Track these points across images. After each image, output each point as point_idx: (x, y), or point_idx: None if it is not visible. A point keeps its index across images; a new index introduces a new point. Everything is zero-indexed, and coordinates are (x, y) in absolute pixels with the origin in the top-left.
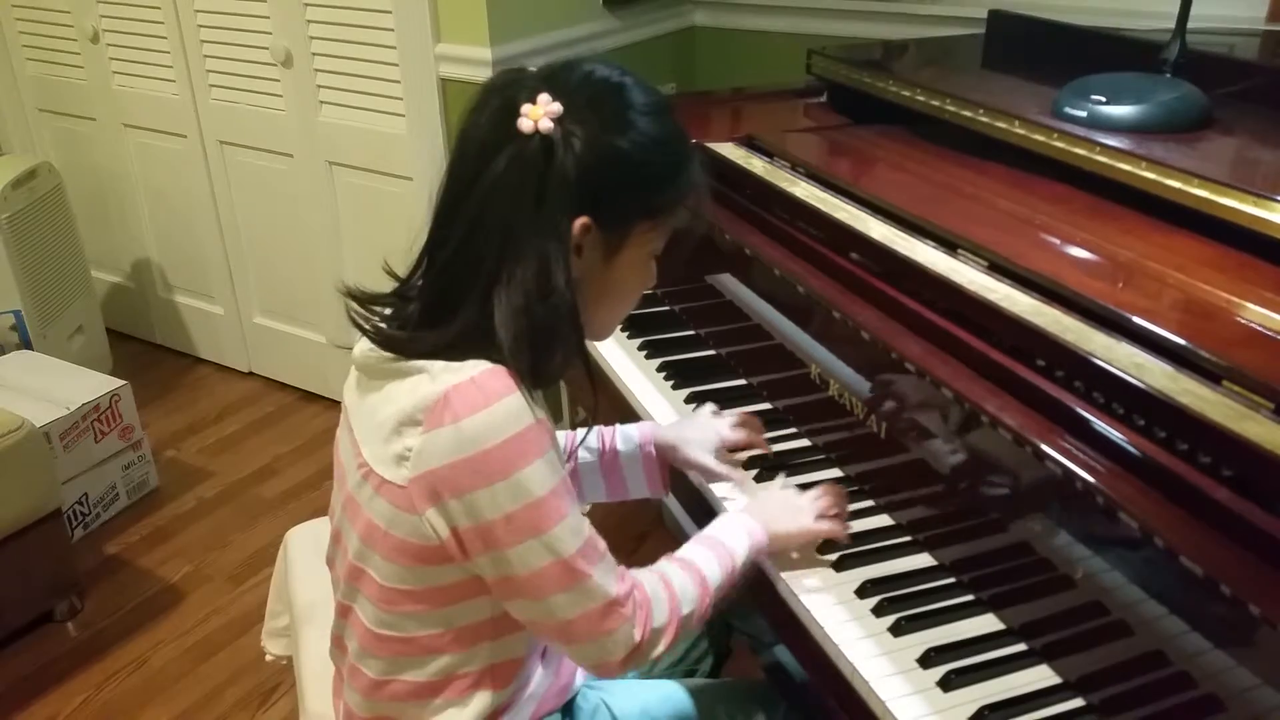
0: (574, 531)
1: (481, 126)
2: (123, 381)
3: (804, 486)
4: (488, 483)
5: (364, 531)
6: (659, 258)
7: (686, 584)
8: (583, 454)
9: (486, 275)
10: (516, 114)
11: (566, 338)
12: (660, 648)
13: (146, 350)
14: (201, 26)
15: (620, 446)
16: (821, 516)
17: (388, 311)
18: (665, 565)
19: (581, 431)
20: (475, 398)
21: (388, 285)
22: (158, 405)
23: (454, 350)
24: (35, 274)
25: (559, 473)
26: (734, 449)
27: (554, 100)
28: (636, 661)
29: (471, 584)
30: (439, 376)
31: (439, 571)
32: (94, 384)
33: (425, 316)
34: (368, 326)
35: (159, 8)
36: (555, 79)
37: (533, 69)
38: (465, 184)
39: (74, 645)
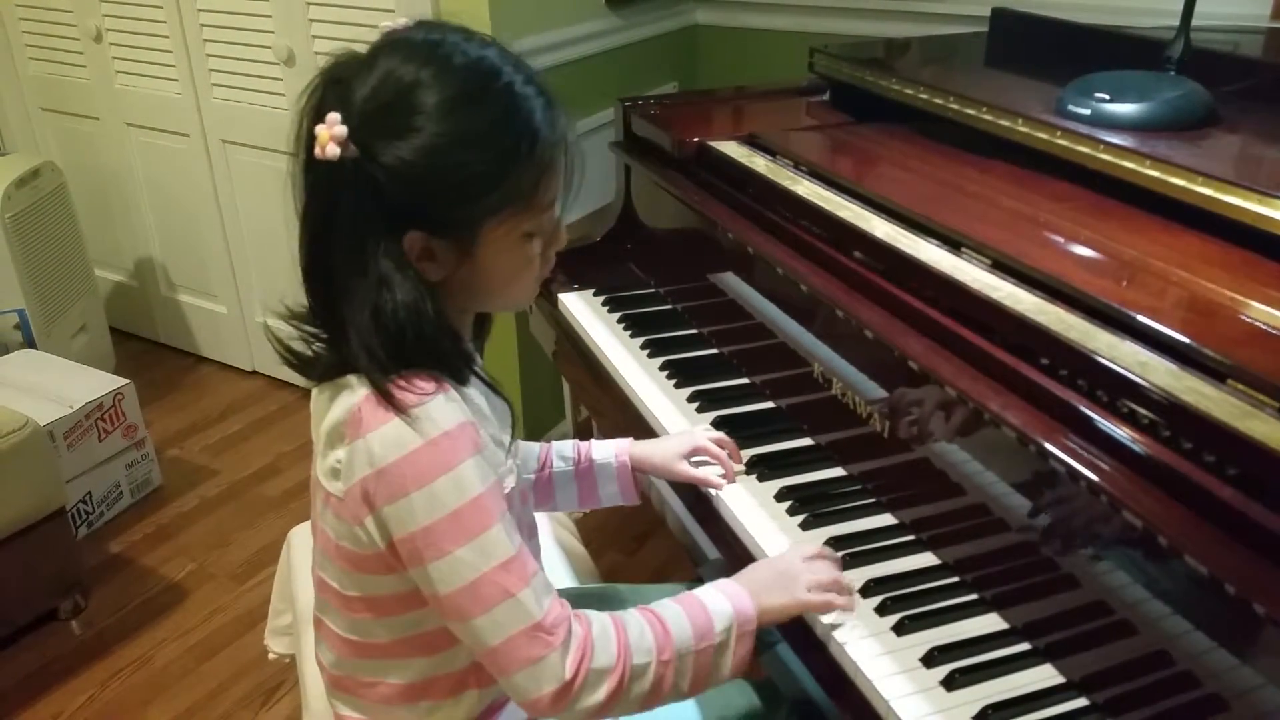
0: (496, 546)
1: (298, 135)
2: (126, 380)
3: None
4: (404, 494)
5: (322, 541)
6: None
7: (644, 633)
8: (558, 463)
9: (334, 292)
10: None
11: (429, 345)
12: (600, 695)
13: (149, 349)
14: (204, 26)
15: (596, 456)
16: (816, 587)
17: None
18: (627, 612)
19: (557, 444)
20: (383, 410)
21: None
22: (161, 404)
23: (346, 367)
24: (39, 273)
25: (483, 482)
26: (705, 457)
27: (341, 120)
28: (569, 704)
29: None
30: (357, 389)
31: (388, 581)
32: (97, 383)
33: (326, 332)
34: (280, 349)
35: (161, 7)
36: (359, 77)
37: (360, 53)
38: (298, 200)
39: (78, 643)
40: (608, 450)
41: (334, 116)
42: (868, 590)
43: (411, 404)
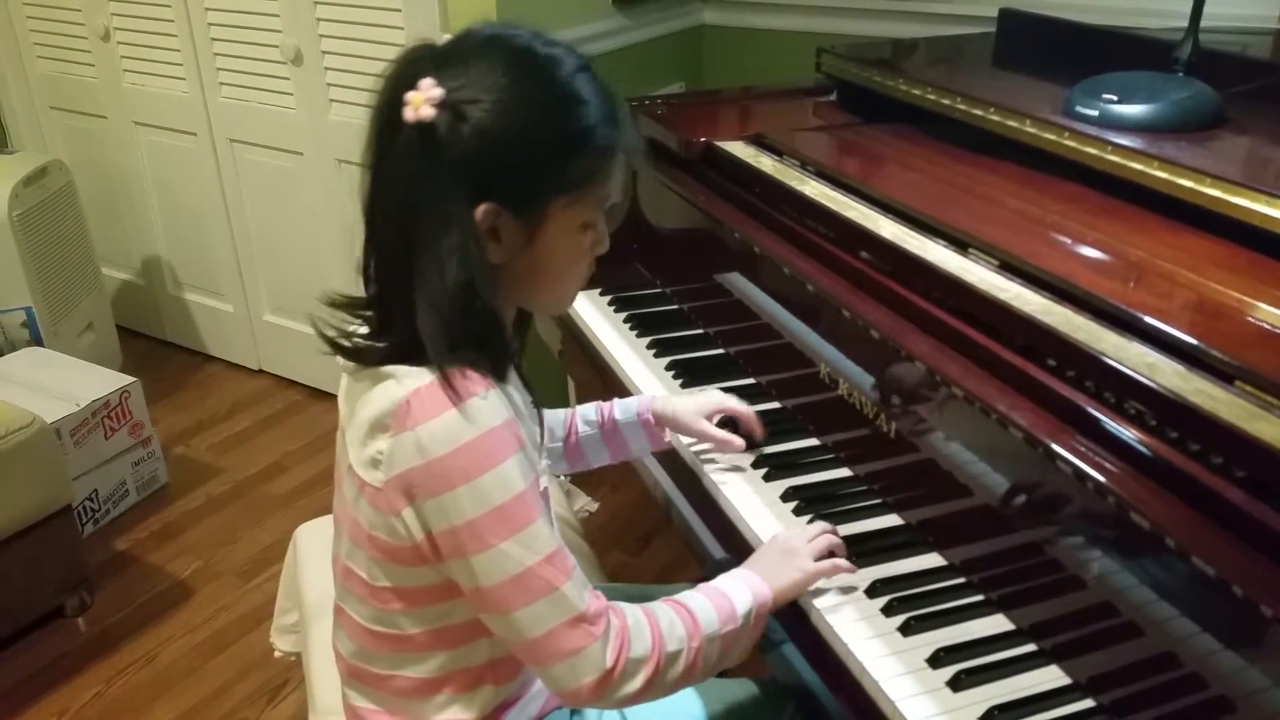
0: (540, 540)
1: (378, 112)
2: (133, 378)
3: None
4: (449, 488)
5: (352, 531)
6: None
7: (675, 622)
8: (583, 427)
9: (405, 275)
10: (403, 100)
11: (488, 332)
12: (637, 683)
13: (156, 347)
14: (212, 25)
15: (619, 416)
16: (820, 554)
17: (369, 314)
18: (653, 604)
19: (580, 408)
20: (432, 403)
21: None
22: (167, 402)
23: (404, 356)
24: (46, 271)
25: (525, 479)
26: (730, 424)
27: (436, 84)
28: (609, 692)
29: (456, 585)
30: (404, 380)
31: (421, 572)
32: (104, 381)
33: (378, 322)
34: (329, 336)
35: (169, 6)
36: (444, 58)
37: (441, 41)
38: (372, 178)
39: (84, 641)
40: (630, 409)
41: (428, 81)
42: (874, 590)
43: (459, 397)
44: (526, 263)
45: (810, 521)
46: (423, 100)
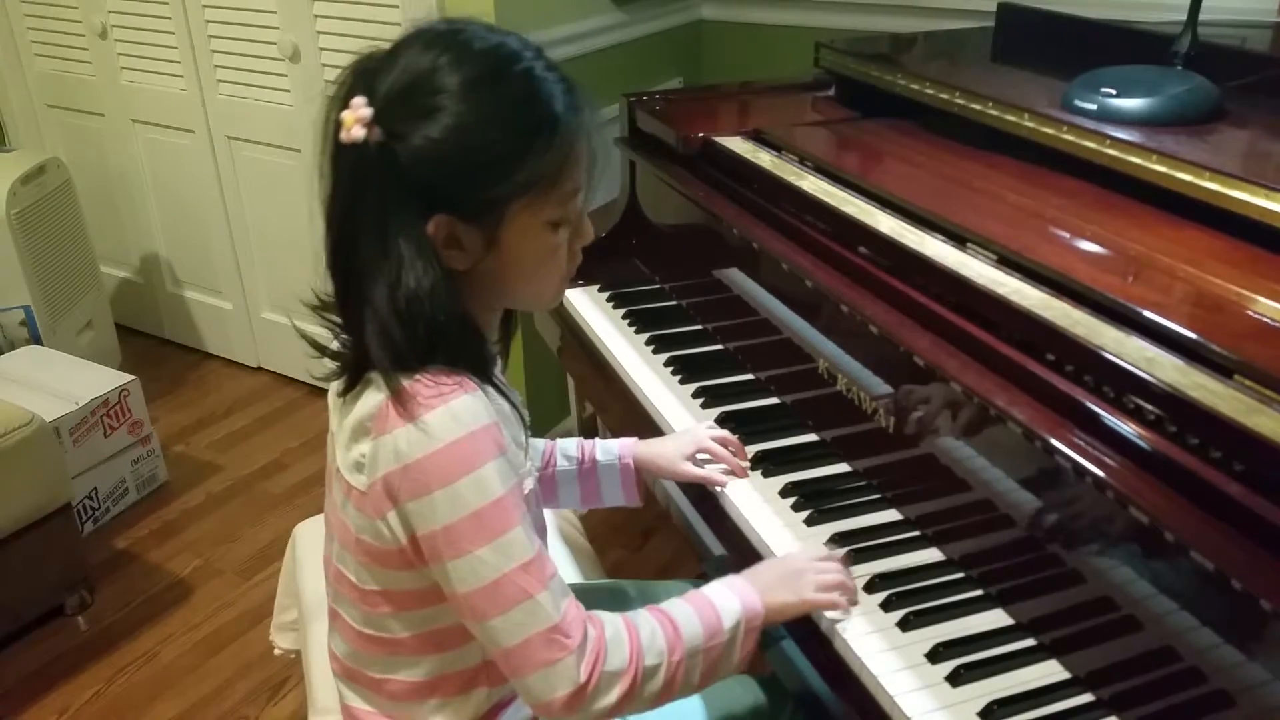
0: (517, 547)
1: (324, 128)
2: (132, 376)
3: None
4: (427, 491)
5: (341, 534)
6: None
7: (655, 634)
8: (562, 462)
9: (357, 282)
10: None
11: (451, 337)
12: (612, 697)
13: (155, 345)
14: (209, 22)
15: (599, 457)
16: (823, 588)
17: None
18: (638, 613)
19: (561, 441)
20: (411, 406)
21: None
22: (166, 400)
23: (371, 362)
24: (44, 269)
25: (505, 484)
26: (711, 456)
27: (367, 104)
28: (583, 706)
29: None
30: (385, 385)
31: (408, 576)
32: (103, 379)
33: (349, 327)
34: (311, 346)
35: (167, 3)
36: (385, 68)
37: (384, 48)
38: (327, 189)
39: (84, 639)
40: (611, 451)
41: (359, 100)
42: (872, 586)
43: (435, 401)
44: (494, 265)
45: (809, 520)
46: (354, 121)
